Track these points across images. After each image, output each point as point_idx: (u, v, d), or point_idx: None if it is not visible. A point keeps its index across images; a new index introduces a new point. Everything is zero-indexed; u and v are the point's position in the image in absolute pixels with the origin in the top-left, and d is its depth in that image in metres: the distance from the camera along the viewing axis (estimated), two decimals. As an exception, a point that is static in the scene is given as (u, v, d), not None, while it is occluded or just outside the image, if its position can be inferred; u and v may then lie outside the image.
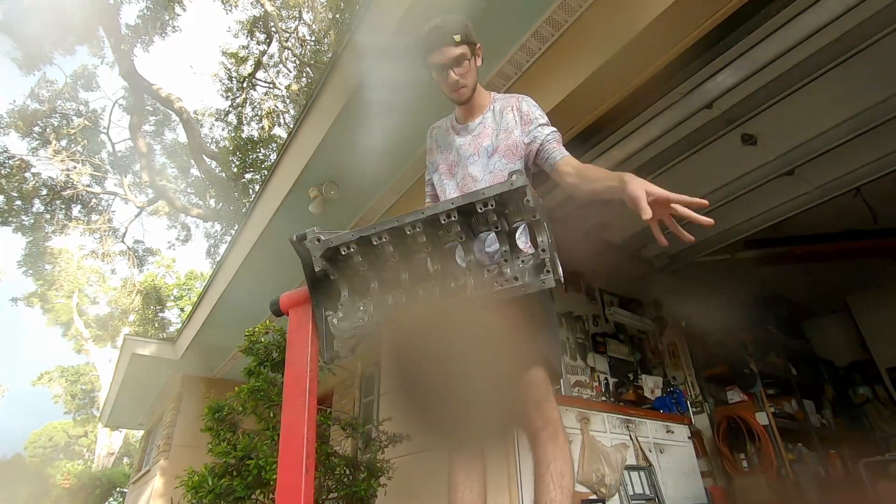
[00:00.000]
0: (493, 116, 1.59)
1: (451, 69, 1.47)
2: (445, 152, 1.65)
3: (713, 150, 3.27)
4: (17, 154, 13.39)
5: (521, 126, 1.53)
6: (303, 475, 1.00)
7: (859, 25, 2.43)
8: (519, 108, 1.56)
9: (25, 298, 17.57)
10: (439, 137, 1.71)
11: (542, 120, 1.53)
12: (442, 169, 1.64)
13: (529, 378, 1.35)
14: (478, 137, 1.57)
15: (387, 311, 1.09)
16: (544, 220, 1.05)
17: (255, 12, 13.78)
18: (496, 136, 1.54)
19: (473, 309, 1.05)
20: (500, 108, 1.58)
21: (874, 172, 3.45)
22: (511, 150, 1.51)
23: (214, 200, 15.22)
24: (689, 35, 2.18)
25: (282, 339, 2.82)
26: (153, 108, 14.63)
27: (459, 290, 1.05)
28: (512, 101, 1.58)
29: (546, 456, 1.31)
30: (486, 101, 1.62)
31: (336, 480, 2.59)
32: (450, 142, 1.65)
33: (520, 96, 1.60)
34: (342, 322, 1.12)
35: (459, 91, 1.52)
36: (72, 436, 24.26)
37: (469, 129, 1.61)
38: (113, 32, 12.16)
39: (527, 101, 1.58)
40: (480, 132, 1.57)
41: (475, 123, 1.60)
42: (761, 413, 4.05)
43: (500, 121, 1.56)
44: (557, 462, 1.30)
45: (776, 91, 2.83)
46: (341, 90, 2.76)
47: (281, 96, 14.59)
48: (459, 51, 1.45)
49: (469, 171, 1.55)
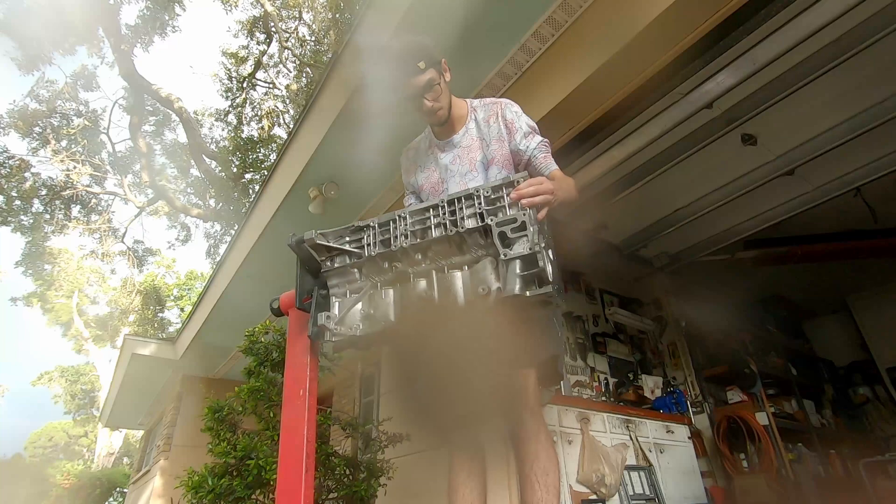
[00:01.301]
0: (476, 127, 1.53)
1: (423, 97, 1.44)
2: (427, 171, 1.60)
3: (713, 150, 3.27)
4: (17, 154, 13.39)
5: (507, 136, 1.48)
6: (303, 475, 1.00)
7: (859, 25, 2.43)
8: (504, 116, 1.50)
9: (25, 298, 17.57)
10: (418, 158, 1.65)
11: (527, 129, 1.49)
12: (426, 188, 1.59)
13: (517, 380, 1.34)
14: (468, 151, 1.51)
15: (378, 325, 1.09)
16: (534, 226, 1.04)
17: (255, 12, 13.79)
18: (488, 148, 1.49)
19: (467, 312, 1.05)
20: (484, 118, 1.53)
21: (874, 172, 3.45)
22: (507, 159, 1.48)
23: (214, 200, 15.22)
24: (689, 35, 2.18)
25: (282, 339, 2.82)
26: (153, 108, 14.62)
27: (455, 296, 1.05)
28: (495, 109, 1.53)
29: (528, 454, 1.29)
30: (463, 111, 1.57)
31: (336, 480, 2.59)
32: (432, 160, 1.59)
33: (502, 102, 1.54)
34: (338, 325, 1.12)
35: (437, 115, 1.49)
36: (72, 436, 24.26)
37: (454, 144, 1.55)
38: (113, 32, 12.16)
39: (510, 108, 1.52)
40: (469, 144, 1.52)
41: (459, 136, 1.55)
42: (761, 413, 4.05)
43: (487, 131, 1.51)
44: (541, 460, 1.27)
45: (776, 91, 2.83)
46: (341, 90, 2.76)
47: (281, 96, 14.59)
48: (427, 77, 1.41)
49: (469, 186, 1.50)
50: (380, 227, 1.13)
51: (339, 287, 1.16)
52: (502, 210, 1.07)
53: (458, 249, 1.09)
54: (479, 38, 2.45)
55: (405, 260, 1.11)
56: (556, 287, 1.10)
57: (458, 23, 2.32)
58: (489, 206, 1.07)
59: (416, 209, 1.11)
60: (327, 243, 1.14)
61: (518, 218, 1.04)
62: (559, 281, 1.34)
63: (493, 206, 1.07)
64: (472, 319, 1.03)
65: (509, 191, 1.07)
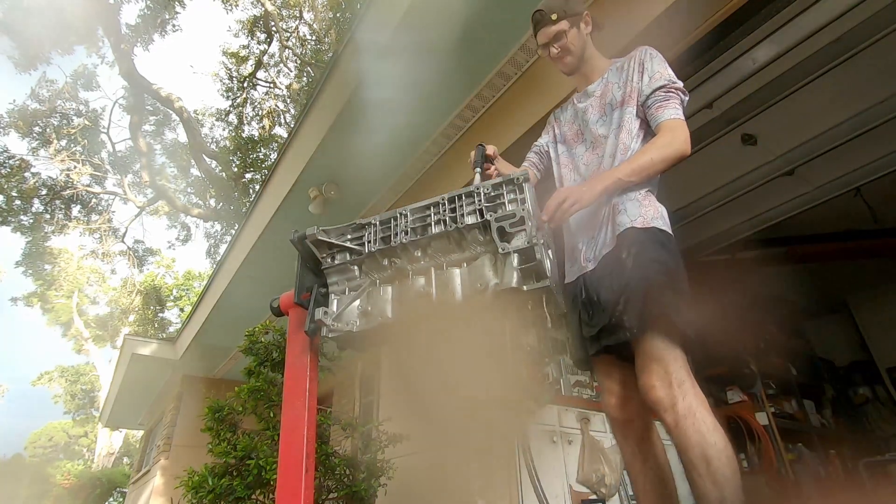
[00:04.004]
0: (614, 73, 1.55)
1: (550, 46, 1.56)
2: (569, 123, 1.67)
3: (713, 150, 3.27)
4: (17, 154, 13.40)
5: (637, 77, 1.46)
6: (303, 475, 1.00)
7: (859, 25, 2.43)
8: (639, 58, 1.49)
9: (25, 298, 17.57)
10: (560, 115, 1.73)
11: (655, 72, 1.43)
12: (569, 137, 1.65)
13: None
14: (602, 98, 1.54)
15: (375, 322, 1.09)
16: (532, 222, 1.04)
17: (256, 11, 13.79)
18: (617, 90, 1.50)
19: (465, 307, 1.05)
20: (622, 65, 1.54)
21: (874, 172, 3.45)
22: (630, 98, 1.46)
23: (214, 200, 15.23)
24: (689, 35, 2.18)
25: (282, 339, 2.82)
26: (153, 107, 14.62)
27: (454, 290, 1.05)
28: (634, 54, 1.53)
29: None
30: (605, 65, 1.61)
31: (336, 480, 2.59)
32: (571, 110, 1.66)
33: (644, 48, 1.53)
34: (335, 321, 1.12)
35: (564, 62, 1.58)
36: (72, 436, 24.27)
37: (588, 93, 1.60)
38: (113, 32, 12.16)
39: (649, 52, 1.50)
40: (603, 92, 1.55)
41: (594, 86, 1.59)
42: (761, 413, 4.05)
43: (621, 75, 1.52)
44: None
45: (776, 91, 2.82)
46: (342, 89, 2.76)
47: (281, 96, 14.60)
48: (556, 28, 1.53)
49: (598, 132, 1.52)
50: (381, 224, 1.13)
51: (339, 284, 1.16)
52: (502, 207, 1.07)
53: (457, 246, 1.09)
54: (479, 38, 2.45)
55: (404, 257, 1.11)
56: (556, 285, 1.10)
57: (459, 22, 2.32)
58: (489, 203, 1.07)
59: (416, 206, 1.11)
60: (328, 239, 1.14)
61: (517, 213, 1.04)
62: (559, 280, 1.34)
63: (493, 203, 1.07)
64: (471, 316, 1.03)
65: (510, 188, 1.08)
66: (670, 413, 1.18)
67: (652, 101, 1.40)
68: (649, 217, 1.37)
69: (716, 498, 1.10)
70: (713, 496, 1.11)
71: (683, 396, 1.18)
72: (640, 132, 1.44)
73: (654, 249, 1.31)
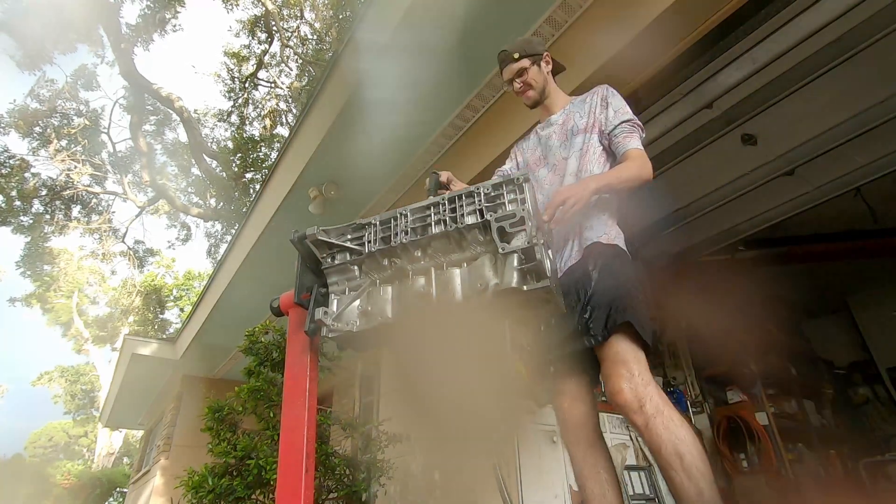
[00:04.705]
0: (577, 105, 1.68)
1: (513, 81, 1.74)
2: (532, 150, 1.78)
3: (713, 150, 3.27)
4: (17, 154, 13.38)
5: (599, 111, 1.61)
6: (303, 475, 1.00)
7: (859, 25, 2.43)
8: (601, 93, 1.64)
9: (25, 299, 17.57)
10: (522, 144, 1.86)
11: (619, 107, 1.60)
12: (531, 163, 1.76)
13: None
14: (563, 126, 1.67)
15: (374, 321, 1.09)
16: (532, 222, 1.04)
17: (257, 11, 13.78)
18: (580, 118, 1.63)
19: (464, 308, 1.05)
20: (584, 98, 1.68)
21: (874, 172, 3.45)
22: (593, 127, 1.59)
23: (215, 200, 15.23)
24: (690, 35, 2.18)
25: (282, 339, 2.82)
26: (153, 107, 14.62)
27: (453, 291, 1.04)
28: (596, 89, 1.67)
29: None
30: (565, 100, 1.76)
31: (336, 480, 2.59)
32: (534, 138, 1.78)
33: (606, 86, 1.68)
34: (335, 321, 1.12)
35: (525, 95, 1.74)
36: (72, 436, 24.26)
37: (551, 122, 1.72)
38: (113, 31, 12.16)
39: (611, 90, 1.66)
40: (564, 121, 1.67)
41: (556, 116, 1.72)
42: (761, 413, 4.05)
43: (582, 106, 1.65)
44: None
45: (776, 91, 2.83)
46: (342, 89, 2.76)
47: (283, 95, 14.59)
48: (518, 65, 1.71)
49: (560, 155, 1.63)
50: (381, 224, 1.13)
51: (339, 284, 1.16)
52: (502, 207, 1.07)
53: (457, 246, 1.09)
54: (479, 37, 2.45)
55: (405, 257, 1.11)
56: (555, 285, 1.10)
57: (459, 22, 2.32)
58: (489, 203, 1.07)
59: (416, 207, 1.12)
60: (328, 239, 1.14)
61: (517, 213, 1.04)
62: (559, 281, 1.34)
63: (493, 203, 1.07)
64: (471, 314, 1.03)
65: (510, 188, 1.08)
66: (639, 414, 1.23)
67: (619, 130, 1.55)
68: (612, 235, 1.50)
69: (694, 492, 1.14)
70: (691, 490, 1.14)
71: (650, 398, 1.23)
72: (602, 156, 1.59)
73: (617, 263, 1.43)
